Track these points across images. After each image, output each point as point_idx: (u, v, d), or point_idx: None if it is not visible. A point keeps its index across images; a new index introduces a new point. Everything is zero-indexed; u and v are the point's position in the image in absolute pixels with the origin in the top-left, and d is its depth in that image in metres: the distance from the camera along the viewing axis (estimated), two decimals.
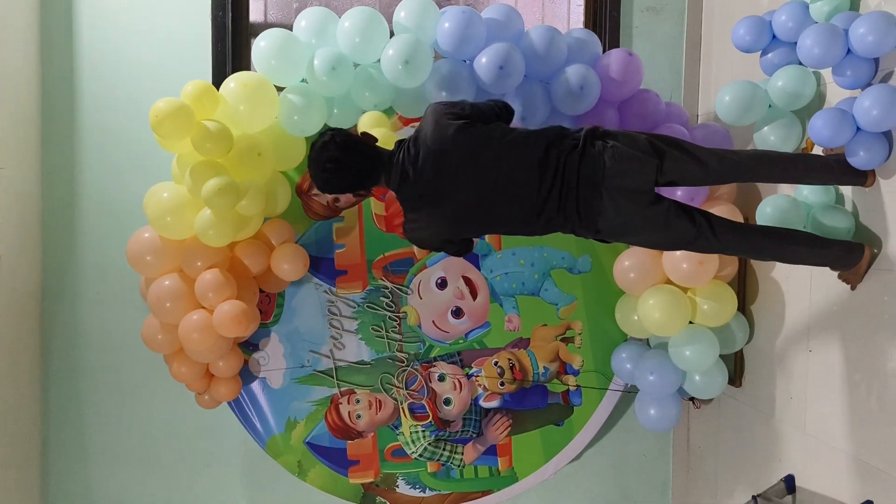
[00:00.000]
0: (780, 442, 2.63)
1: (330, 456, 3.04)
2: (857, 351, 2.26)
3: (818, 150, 2.35)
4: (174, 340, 2.66)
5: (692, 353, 2.67)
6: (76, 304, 3.13)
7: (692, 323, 2.71)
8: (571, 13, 3.34)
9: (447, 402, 3.04)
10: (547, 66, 2.55)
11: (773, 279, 2.69)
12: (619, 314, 2.94)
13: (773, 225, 2.36)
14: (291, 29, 2.57)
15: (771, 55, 2.39)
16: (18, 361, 2.98)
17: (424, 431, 3.05)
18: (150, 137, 2.48)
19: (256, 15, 3.24)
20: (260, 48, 2.53)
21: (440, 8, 2.56)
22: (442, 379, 3.05)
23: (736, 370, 2.87)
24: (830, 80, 2.24)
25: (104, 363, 3.14)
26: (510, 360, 3.04)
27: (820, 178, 2.23)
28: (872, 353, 2.18)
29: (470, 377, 3.05)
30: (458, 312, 3.04)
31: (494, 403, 3.05)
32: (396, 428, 3.05)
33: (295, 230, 2.88)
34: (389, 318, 3.03)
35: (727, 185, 2.67)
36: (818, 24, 2.18)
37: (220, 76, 3.02)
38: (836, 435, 2.33)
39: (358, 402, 3.03)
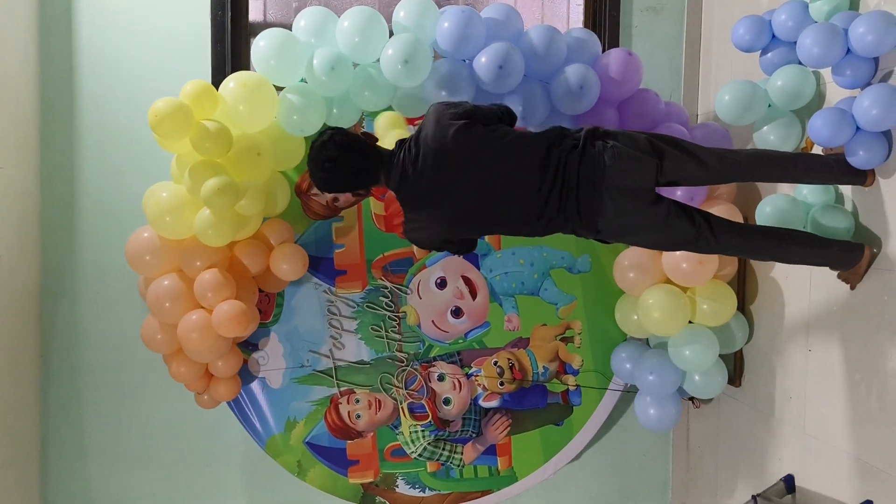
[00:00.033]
0: (779, 441, 2.63)
1: (329, 456, 3.03)
2: (856, 350, 2.25)
3: (818, 149, 2.35)
4: (173, 340, 2.65)
5: (692, 352, 2.67)
6: (75, 303, 3.13)
7: (692, 322, 2.71)
8: (571, 13, 3.34)
9: (447, 401, 3.04)
10: (546, 65, 2.54)
11: (772, 279, 2.69)
12: (618, 314, 2.94)
13: (772, 224, 2.36)
14: (291, 28, 2.57)
15: (770, 55, 2.39)
16: (18, 361, 2.98)
17: (424, 431, 3.05)
18: (149, 137, 2.47)
19: (256, 14, 3.23)
20: (259, 48, 2.53)
21: (439, 7, 2.56)
22: (441, 379, 3.04)
23: (735, 370, 2.87)
24: (830, 79, 2.24)
25: (103, 363, 3.14)
26: (510, 359, 3.04)
27: (820, 177, 2.23)
28: (872, 352, 2.18)
29: (469, 377, 3.05)
30: (457, 312, 3.03)
31: (494, 403, 3.05)
32: (396, 428, 3.05)
33: (294, 230, 2.88)
34: (389, 317, 3.03)
35: (727, 184, 2.67)
36: (818, 23, 2.18)
37: (219, 76, 3.01)
38: (835, 434, 2.33)
39: (357, 401, 3.03)
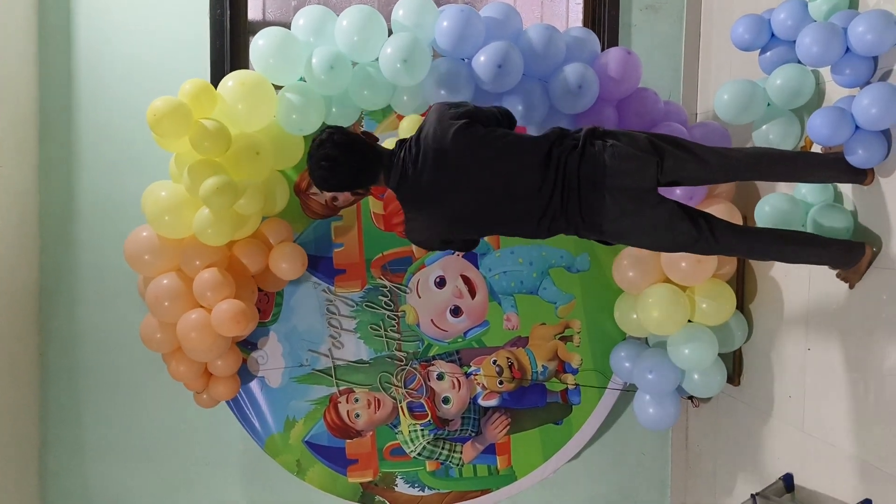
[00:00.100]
0: (778, 440, 2.63)
1: (329, 455, 3.03)
2: (855, 349, 2.25)
3: (817, 148, 2.35)
4: (172, 339, 2.65)
5: (691, 351, 2.67)
6: (74, 302, 3.13)
7: (691, 322, 2.71)
8: (570, 11, 3.33)
9: (446, 400, 3.04)
10: (545, 64, 2.54)
11: (771, 278, 2.69)
12: (617, 313, 2.94)
13: (772, 224, 2.36)
14: (290, 27, 2.57)
15: (770, 53, 2.39)
16: (17, 360, 2.98)
17: (423, 430, 3.05)
18: (147, 136, 2.47)
19: (255, 13, 3.23)
20: (258, 47, 2.52)
21: (438, 6, 2.55)
22: (441, 378, 3.04)
23: (734, 369, 2.87)
24: (829, 78, 2.24)
25: (102, 362, 3.14)
26: (509, 358, 3.04)
27: (819, 176, 2.23)
28: (871, 351, 2.18)
29: (469, 376, 3.05)
30: (456, 311, 3.03)
31: (493, 402, 3.05)
32: (395, 427, 3.05)
33: (293, 229, 2.88)
34: (388, 316, 3.03)
35: (727, 183, 2.67)
36: (817, 22, 2.18)
37: (218, 75, 3.01)
38: (834, 433, 2.33)
39: (357, 401, 3.03)
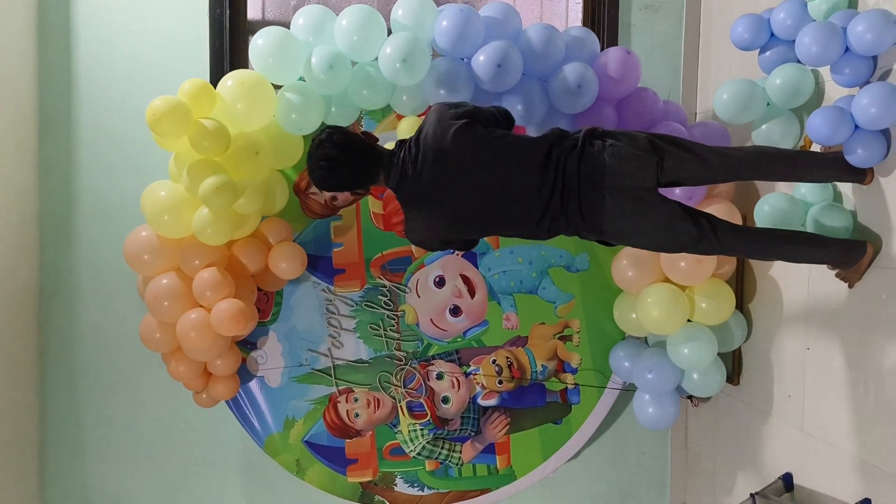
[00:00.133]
0: (777, 440, 2.63)
1: (328, 455, 3.03)
2: (854, 349, 2.26)
3: (816, 147, 2.35)
4: (172, 339, 2.65)
5: (690, 351, 2.67)
6: (74, 302, 3.12)
7: (690, 321, 2.71)
8: (570, 11, 3.33)
9: (445, 400, 3.04)
10: (545, 64, 2.54)
11: (771, 277, 2.69)
12: (617, 312, 2.94)
13: (771, 223, 2.36)
14: (289, 27, 2.57)
15: (769, 53, 2.40)
16: (16, 360, 2.98)
17: (423, 430, 3.05)
18: (147, 136, 2.47)
19: (254, 12, 3.23)
20: (257, 46, 2.52)
21: (438, 6, 2.55)
22: (440, 377, 3.04)
23: (734, 368, 2.87)
24: (829, 77, 2.24)
25: (102, 362, 3.14)
26: (508, 358, 3.04)
27: (819, 175, 2.23)
28: (870, 350, 2.18)
29: (468, 375, 3.05)
30: (456, 311, 3.03)
31: (492, 402, 3.05)
32: (395, 426, 3.05)
33: (293, 228, 2.88)
34: (387, 316, 3.03)
35: (727, 183, 2.66)
36: (816, 21, 2.18)
37: (217, 74, 3.01)
38: (834, 433, 2.33)
39: (356, 400, 3.03)
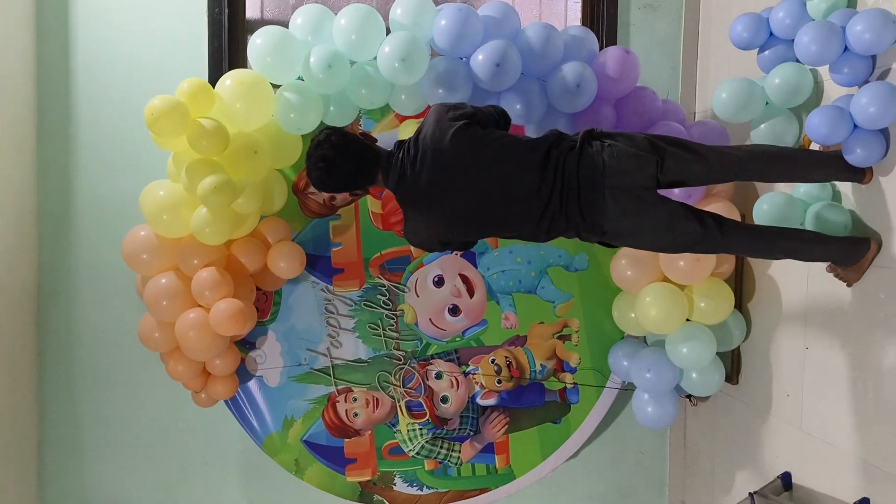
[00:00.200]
0: (776, 439, 2.63)
1: (327, 454, 3.03)
2: (853, 348, 2.26)
3: (815, 147, 2.34)
4: (171, 338, 2.65)
5: (689, 350, 2.67)
6: (73, 301, 3.12)
7: (689, 320, 2.71)
8: (568, 10, 3.33)
9: (444, 399, 3.04)
10: (543, 63, 2.54)
11: (769, 276, 2.69)
12: (616, 312, 2.94)
13: (770, 223, 2.35)
14: (287, 26, 2.56)
15: (768, 52, 2.39)
16: (15, 359, 2.97)
17: (422, 429, 3.05)
18: (145, 135, 2.47)
19: (253, 12, 3.22)
20: (256, 45, 2.52)
21: (436, 5, 2.55)
22: (439, 377, 3.04)
23: (733, 367, 2.87)
24: (827, 77, 2.24)
25: (100, 361, 3.14)
26: (507, 357, 3.04)
27: (818, 174, 2.23)
28: (869, 350, 2.18)
29: (467, 375, 3.05)
30: (455, 310, 3.03)
31: (491, 401, 3.05)
32: (394, 426, 3.05)
33: (291, 228, 2.88)
34: (386, 316, 3.03)
35: (726, 183, 2.66)
36: (815, 21, 2.17)
37: (216, 73, 3.01)
38: (832, 432, 2.33)
39: (355, 400, 3.03)
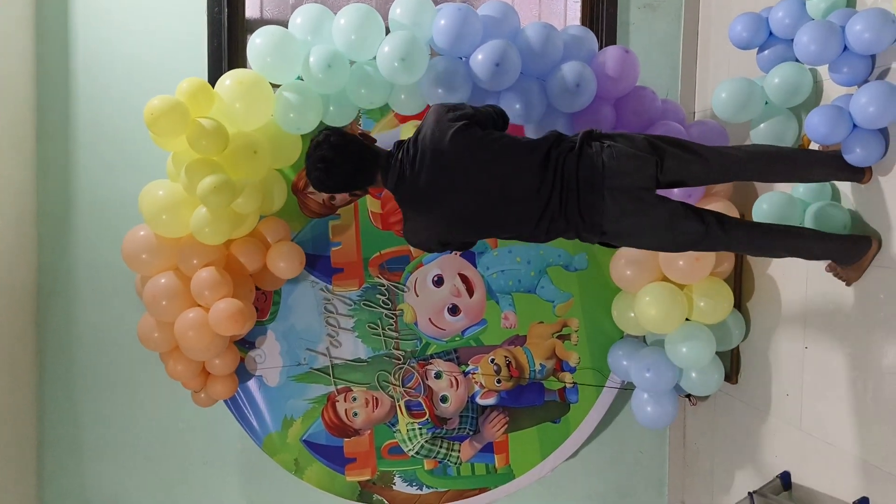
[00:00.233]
0: (776, 438, 2.63)
1: (327, 454, 3.03)
2: (852, 348, 2.26)
3: (814, 146, 2.35)
4: (170, 338, 2.65)
5: (688, 350, 2.67)
6: (72, 302, 3.12)
7: (688, 320, 2.71)
8: (568, 10, 3.33)
9: (444, 399, 3.04)
10: (543, 63, 2.54)
11: (769, 276, 2.69)
12: (615, 311, 2.94)
13: (770, 222, 2.36)
14: (287, 26, 2.56)
15: (767, 52, 2.39)
16: (15, 360, 2.97)
17: (421, 429, 3.05)
18: (145, 135, 2.47)
19: (252, 11, 3.22)
20: (255, 45, 2.52)
21: (436, 5, 2.55)
22: (438, 376, 3.04)
23: (732, 367, 2.87)
24: (827, 76, 2.24)
25: (100, 361, 3.13)
26: (507, 357, 3.04)
27: (818, 174, 2.23)
28: (868, 349, 2.18)
29: (466, 374, 3.05)
30: (454, 310, 3.03)
31: (491, 401, 3.05)
32: (393, 425, 3.05)
33: (291, 228, 2.88)
34: (386, 315, 3.03)
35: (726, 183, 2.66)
36: (815, 20, 2.17)
37: (215, 73, 3.00)
38: (832, 432, 2.33)
39: (354, 399, 3.03)
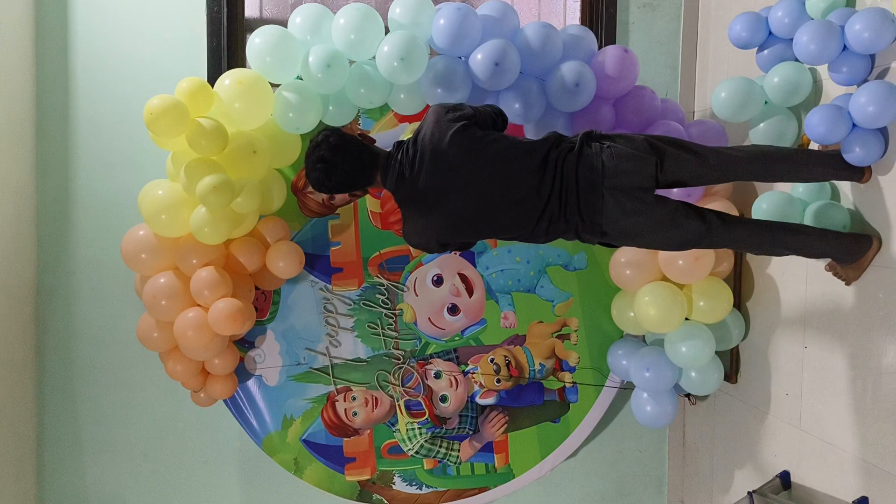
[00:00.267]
0: (775, 438, 2.63)
1: (326, 453, 3.03)
2: (852, 347, 2.26)
3: (814, 146, 2.35)
4: (169, 338, 2.65)
5: (688, 349, 2.67)
6: (71, 300, 3.12)
7: (688, 319, 2.71)
8: (567, 9, 3.33)
9: (443, 399, 3.04)
10: (542, 62, 2.54)
11: (768, 275, 2.69)
12: (615, 311, 2.95)
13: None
14: (286, 25, 2.56)
15: (767, 51, 2.40)
16: (14, 358, 2.97)
17: (421, 428, 3.05)
18: (144, 135, 2.47)
19: (252, 11, 3.22)
20: (255, 45, 2.52)
21: (435, 4, 2.55)
22: (438, 376, 3.04)
23: (732, 366, 2.87)
24: (826, 76, 2.24)
25: (99, 360, 3.14)
26: (506, 356, 3.04)
27: (817, 174, 2.23)
28: (867, 349, 2.19)
29: (466, 374, 3.05)
30: (454, 309, 3.03)
31: (490, 400, 3.05)
32: (393, 425, 3.05)
33: (290, 227, 2.88)
34: (385, 315, 3.03)
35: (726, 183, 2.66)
36: (814, 20, 2.18)
37: (214, 73, 3.01)
38: (831, 431, 2.33)
39: (354, 399, 3.03)
